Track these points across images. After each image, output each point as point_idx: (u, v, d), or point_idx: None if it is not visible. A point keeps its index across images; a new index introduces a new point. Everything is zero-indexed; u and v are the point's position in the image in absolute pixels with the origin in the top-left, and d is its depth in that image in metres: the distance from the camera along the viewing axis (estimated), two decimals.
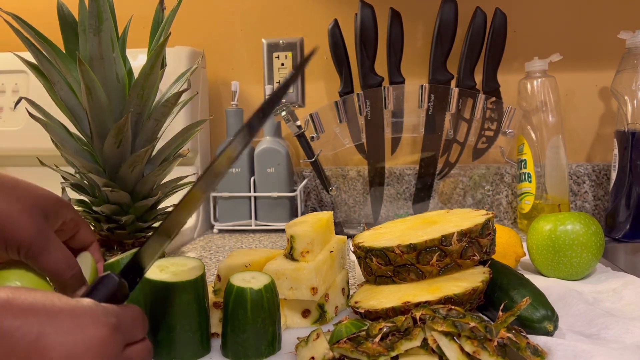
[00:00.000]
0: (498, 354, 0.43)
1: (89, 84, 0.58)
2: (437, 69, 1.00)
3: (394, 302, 0.54)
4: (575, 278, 0.70)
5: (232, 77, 1.17)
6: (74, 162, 0.65)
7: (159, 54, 0.60)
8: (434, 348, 0.45)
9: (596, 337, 0.53)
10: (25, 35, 0.61)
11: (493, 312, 0.57)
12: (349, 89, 1.03)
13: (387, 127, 1.01)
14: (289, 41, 1.14)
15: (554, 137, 0.96)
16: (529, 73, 0.98)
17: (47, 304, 0.35)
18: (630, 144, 0.91)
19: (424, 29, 1.11)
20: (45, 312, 0.35)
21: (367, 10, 0.99)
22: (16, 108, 1.05)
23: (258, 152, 1.04)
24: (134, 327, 0.40)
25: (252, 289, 0.51)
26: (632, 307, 0.61)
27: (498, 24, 0.98)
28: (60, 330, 0.34)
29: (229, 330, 0.52)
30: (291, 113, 1.01)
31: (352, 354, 0.44)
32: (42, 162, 0.69)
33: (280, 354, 0.53)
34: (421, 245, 0.57)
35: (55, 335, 0.34)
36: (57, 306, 0.36)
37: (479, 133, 0.99)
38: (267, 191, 1.04)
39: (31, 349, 0.33)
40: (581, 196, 1.07)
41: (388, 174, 1.11)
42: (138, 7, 0.85)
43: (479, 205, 1.10)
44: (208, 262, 0.86)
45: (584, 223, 0.69)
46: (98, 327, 0.36)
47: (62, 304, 0.36)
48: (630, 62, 0.92)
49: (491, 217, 0.60)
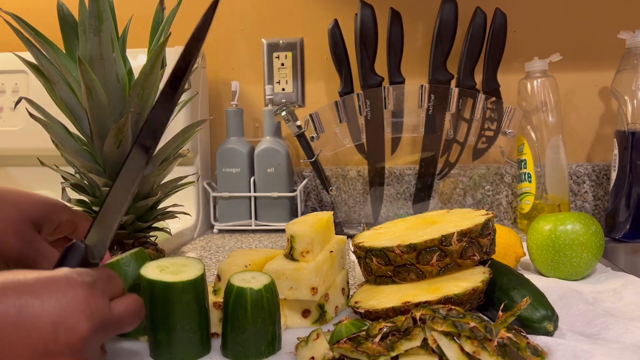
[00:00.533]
0: (498, 354, 0.43)
1: (89, 84, 0.58)
2: (437, 69, 1.00)
3: (394, 302, 0.54)
4: (575, 278, 0.70)
5: (232, 77, 1.17)
6: (74, 162, 0.65)
7: (159, 54, 0.60)
8: (434, 348, 0.45)
9: (596, 337, 0.53)
10: (25, 35, 0.61)
11: (493, 312, 0.57)
12: (349, 89, 1.03)
13: (387, 127, 1.01)
14: (289, 41, 1.14)
15: (554, 137, 0.96)
16: (529, 73, 0.98)
17: (19, 278, 0.35)
18: (630, 144, 0.91)
19: (424, 29, 1.11)
20: (21, 286, 0.34)
21: (367, 10, 0.99)
22: (16, 108, 1.05)
23: (258, 152, 1.04)
24: (111, 283, 0.40)
25: (252, 289, 0.51)
26: (632, 307, 0.61)
27: (498, 24, 0.98)
28: (41, 298, 0.34)
29: (229, 330, 0.52)
30: (291, 113, 1.01)
31: (352, 354, 0.45)
32: (42, 162, 0.69)
33: (280, 354, 0.53)
34: (421, 245, 0.57)
35: (38, 304, 0.34)
36: (30, 278, 0.35)
37: (479, 133, 0.99)
38: (267, 191, 1.04)
39: (17, 324, 0.33)
40: (581, 196, 1.07)
41: (388, 174, 1.11)
42: (138, 7, 0.85)
43: (479, 205, 1.10)
44: (208, 262, 0.86)
45: (584, 223, 0.69)
46: (76, 287, 0.36)
47: (35, 276, 0.36)
48: (630, 62, 0.92)
49: (491, 217, 0.60)
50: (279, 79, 1.15)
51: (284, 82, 1.15)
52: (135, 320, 0.42)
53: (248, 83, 1.16)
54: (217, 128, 1.17)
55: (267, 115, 1.05)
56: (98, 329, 0.36)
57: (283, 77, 1.15)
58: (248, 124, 1.16)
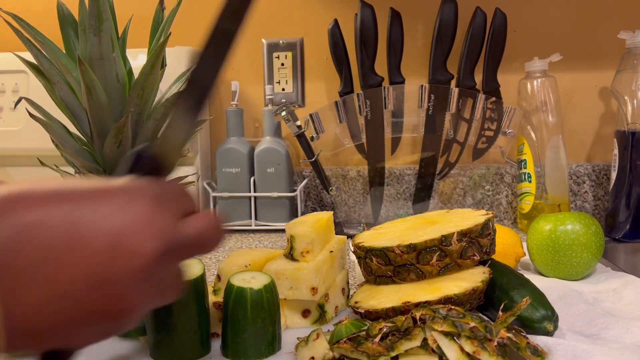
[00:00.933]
0: (498, 354, 0.43)
1: (89, 84, 0.58)
2: (437, 69, 1.00)
3: (394, 302, 0.54)
4: (575, 278, 0.70)
5: (232, 77, 1.17)
6: (74, 162, 0.65)
7: (159, 54, 0.60)
8: (434, 348, 0.45)
9: (596, 337, 0.53)
10: (25, 35, 0.61)
11: (493, 312, 0.57)
12: (349, 89, 1.03)
13: (387, 127, 1.01)
14: (289, 41, 1.14)
15: (554, 137, 0.96)
16: (529, 73, 0.98)
17: (75, 187, 0.29)
18: (630, 144, 0.91)
19: (424, 29, 1.11)
20: (76, 196, 0.29)
21: (367, 10, 0.99)
22: (16, 108, 1.05)
23: (258, 152, 1.04)
24: (180, 197, 0.33)
25: (252, 289, 0.51)
26: (632, 307, 0.61)
27: (498, 24, 0.98)
28: (98, 214, 0.29)
29: (229, 330, 0.52)
30: (291, 113, 1.01)
31: (352, 354, 0.44)
32: (42, 162, 0.69)
33: (280, 354, 0.53)
34: (421, 245, 0.57)
35: (95, 220, 0.28)
36: (87, 188, 0.30)
37: (479, 133, 0.99)
38: (267, 191, 1.04)
39: (70, 242, 0.27)
40: (581, 196, 1.07)
41: (388, 174, 1.11)
42: (138, 7, 0.85)
43: (479, 205, 1.10)
44: (208, 262, 0.86)
45: (584, 223, 0.69)
46: (139, 201, 0.30)
47: (92, 186, 0.30)
48: (630, 62, 0.92)
49: (491, 217, 0.60)
50: (279, 79, 1.15)
51: (284, 82, 1.15)
52: (212, 241, 0.34)
53: (248, 83, 1.16)
54: (217, 128, 1.17)
55: (267, 115, 1.05)
56: (165, 252, 0.30)
57: (283, 77, 1.15)
58: (248, 124, 1.16)
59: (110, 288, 0.28)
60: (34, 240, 0.27)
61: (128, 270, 0.29)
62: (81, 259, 0.28)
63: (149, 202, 0.30)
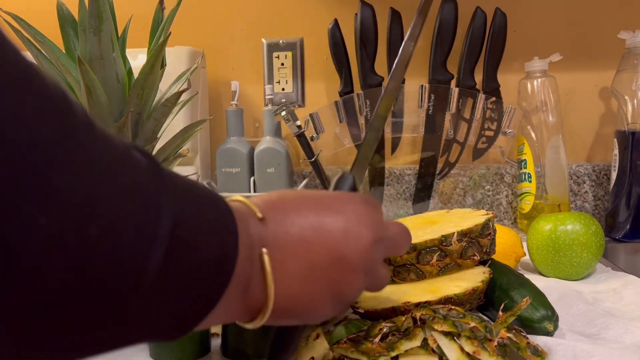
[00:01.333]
0: (498, 354, 0.43)
1: (89, 84, 0.58)
2: (437, 69, 1.00)
3: (394, 302, 0.54)
4: (575, 278, 0.70)
5: (232, 77, 1.17)
6: None
7: (159, 54, 0.60)
8: (434, 348, 0.45)
9: (596, 337, 0.53)
10: (25, 35, 0.61)
11: (493, 312, 0.57)
12: (349, 89, 1.03)
13: (387, 127, 1.01)
14: (289, 41, 1.14)
15: (554, 137, 0.96)
16: (529, 73, 0.98)
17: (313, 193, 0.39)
18: (630, 144, 0.91)
19: (424, 29, 1.10)
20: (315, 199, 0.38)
21: (367, 10, 0.99)
22: None
23: (258, 152, 1.04)
24: (378, 205, 0.43)
25: None
26: (632, 307, 0.61)
27: (498, 24, 0.98)
28: (332, 209, 0.38)
29: (229, 330, 0.52)
30: (291, 113, 1.01)
31: (352, 354, 0.44)
32: None
33: None
34: (421, 245, 0.57)
35: (331, 213, 0.37)
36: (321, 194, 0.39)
37: (479, 133, 0.99)
38: (267, 191, 1.03)
39: (315, 228, 0.36)
40: (581, 196, 1.07)
41: (388, 174, 1.11)
42: (138, 7, 0.85)
43: (479, 205, 1.10)
44: None
45: (584, 223, 0.69)
46: (357, 203, 0.39)
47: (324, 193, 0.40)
48: (630, 62, 0.92)
49: (491, 217, 0.60)
50: (279, 79, 1.14)
51: (284, 82, 1.15)
52: (407, 243, 0.44)
53: (248, 83, 1.16)
54: (217, 128, 1.17)
55: (267, 115, 1.05)
56: (378, 240, 0.39)
57: (283, 77, 1.15)
58: (248, 124, 1.16)
59: (344, 263, 0.37)
60: (294, 225, 0.36)
61: (355, 250, 0.37)
62: (325, 240, 0.36)
63: (362, 204, 0.39)
